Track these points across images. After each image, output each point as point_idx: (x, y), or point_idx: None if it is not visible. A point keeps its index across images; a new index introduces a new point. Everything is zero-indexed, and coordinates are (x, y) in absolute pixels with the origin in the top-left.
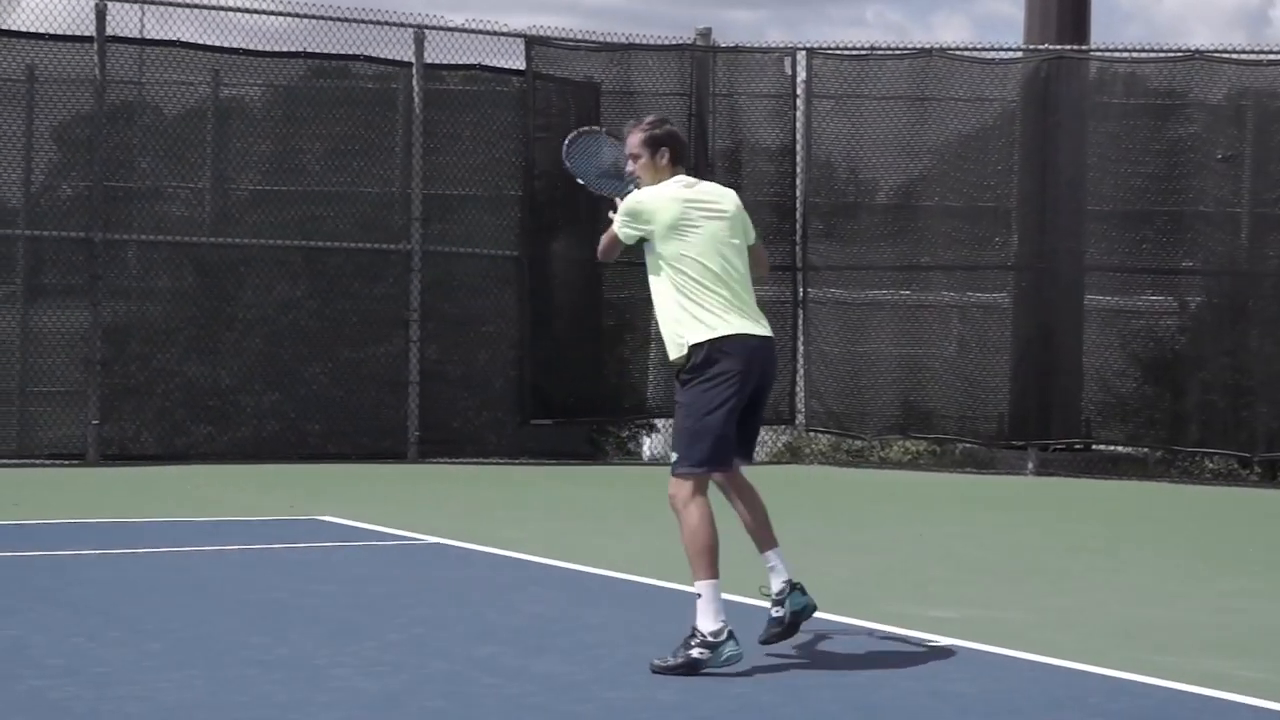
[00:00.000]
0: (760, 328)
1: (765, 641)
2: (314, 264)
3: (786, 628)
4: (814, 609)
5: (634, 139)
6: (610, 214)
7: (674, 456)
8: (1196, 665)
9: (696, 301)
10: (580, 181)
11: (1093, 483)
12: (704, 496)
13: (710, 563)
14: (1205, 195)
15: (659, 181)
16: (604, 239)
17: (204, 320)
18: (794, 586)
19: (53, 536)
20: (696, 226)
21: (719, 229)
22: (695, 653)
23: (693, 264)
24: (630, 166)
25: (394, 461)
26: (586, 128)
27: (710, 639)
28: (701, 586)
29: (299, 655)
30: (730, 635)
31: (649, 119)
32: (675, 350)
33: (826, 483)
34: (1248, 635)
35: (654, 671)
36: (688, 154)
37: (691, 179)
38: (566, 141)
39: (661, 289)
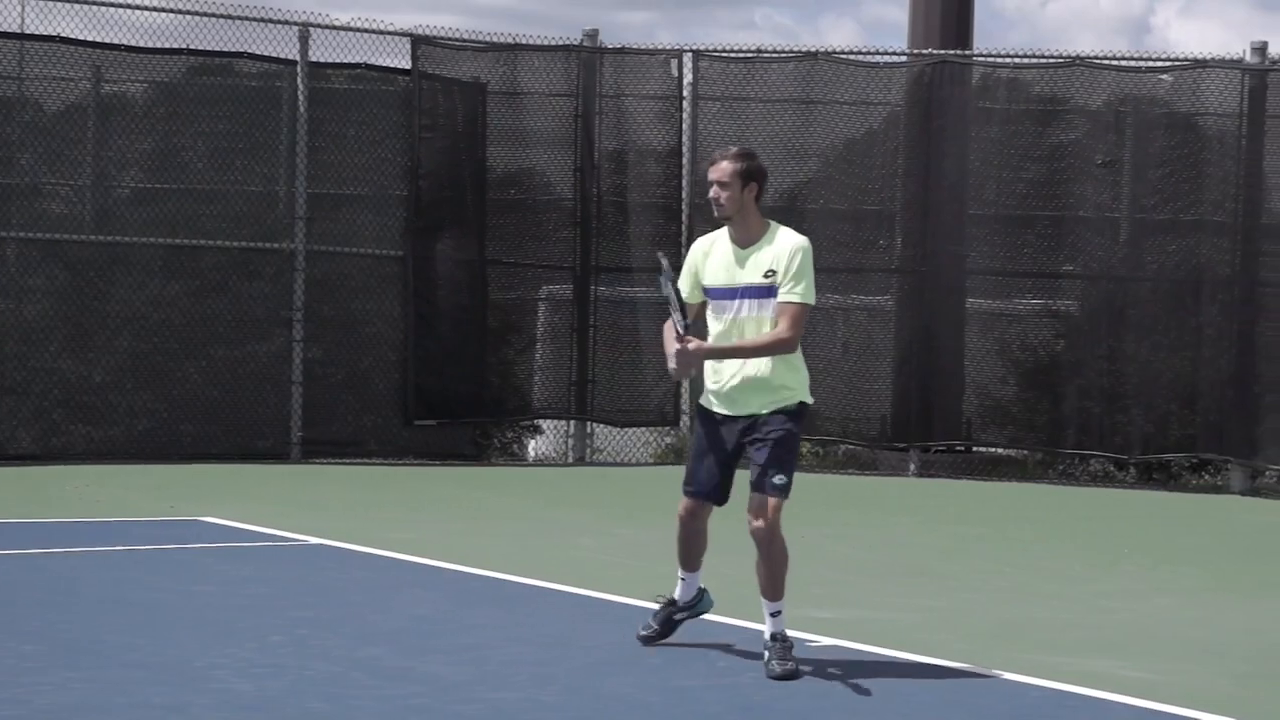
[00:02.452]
0: None
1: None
2: (195, 262)
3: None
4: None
5: (725, 168)
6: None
7: (781, 480)
8: (1076, 665)
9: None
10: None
11: (974, 484)
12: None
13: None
14: (1085, 201)
15: (748, 220)
16: (791, 330)
17: (83, 319)
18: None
19: None
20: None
21: None
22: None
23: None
24: (715, 193)
25: (276, 462)
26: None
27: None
28: (782, 604)
29: (179, 657)
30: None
31: (735, 149)
32: (799, 392)
33: None
34: (1125, 634)
35: (777, 679)
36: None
37: None
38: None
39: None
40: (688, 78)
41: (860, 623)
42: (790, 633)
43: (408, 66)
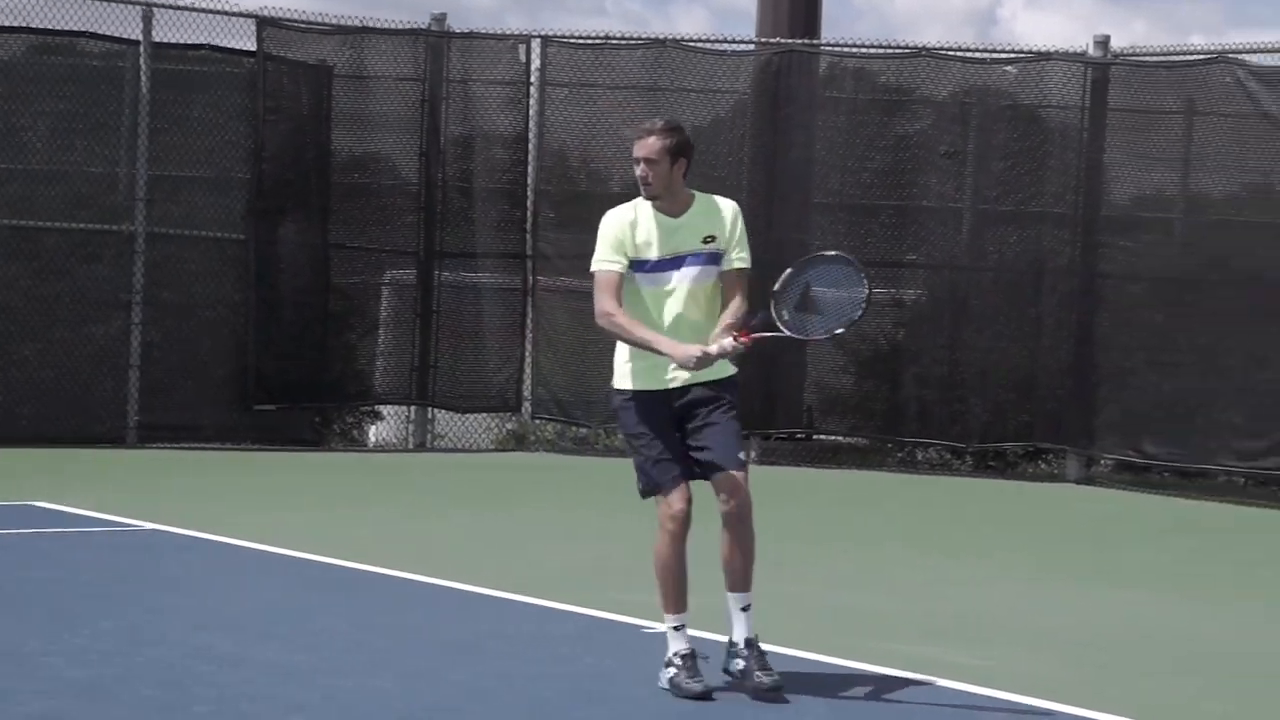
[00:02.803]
0: None
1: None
2: (32, 243)
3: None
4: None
5: (652, 144)
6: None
7: (743, 455)
8: (909, 651)
9: None
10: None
11: (814, 472)
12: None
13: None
14: (929, 191)
15: (677, 195)
16: (744, 295)
17: None
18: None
19: None
20: None
21: None
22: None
23: None
24: (643, 171)
25: (112, 446)
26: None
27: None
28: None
29: (8, 644)
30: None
31: (662, 121)
32: (732, 367)
33: (552, 470)
34: (959, 621)
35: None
36: None
37: None
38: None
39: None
40: (536, 63)
41: (695, 609)
42: (624, 619)
43: (253, 48)
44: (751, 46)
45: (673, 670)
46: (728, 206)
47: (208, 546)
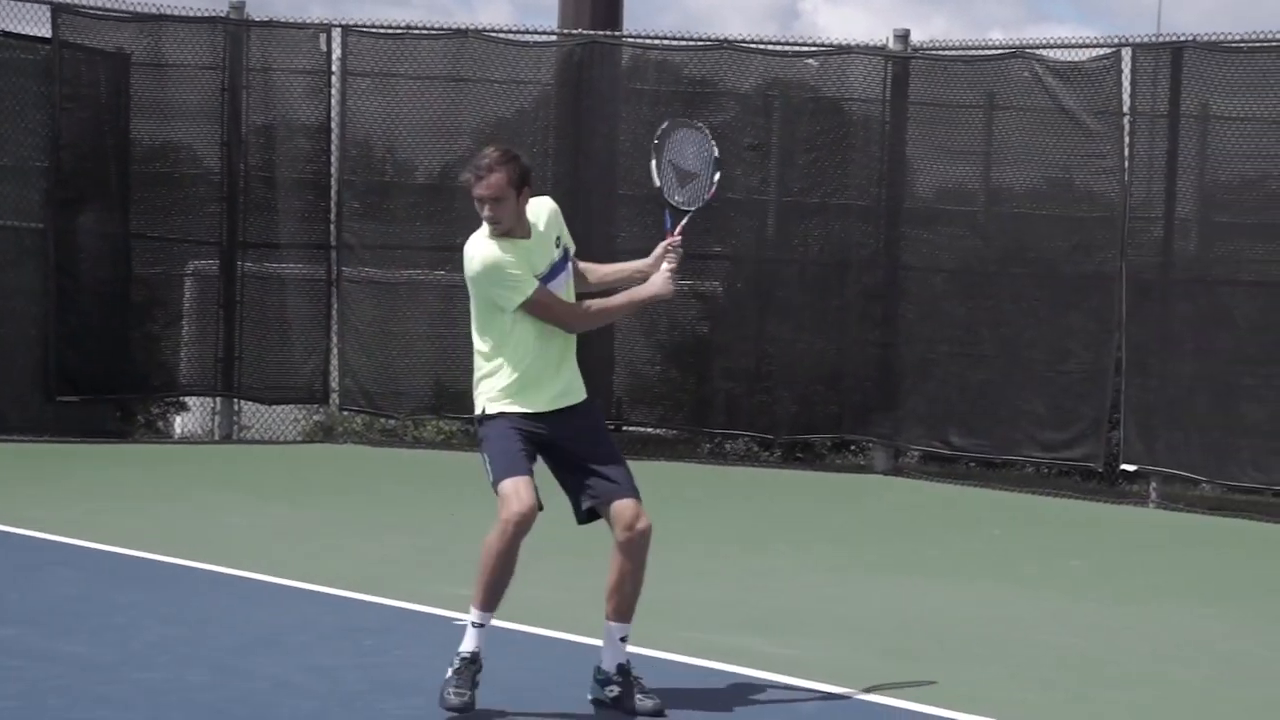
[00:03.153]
0: None
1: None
2: None
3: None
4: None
5: (494, 178)
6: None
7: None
8: (723, 641)
9: None
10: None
11: None
12: None
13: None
14: (735, 183)
15: (521, 217)
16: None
17: None
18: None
19: None
20: None
21: None
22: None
23: None
24: (491, 212)
25: None
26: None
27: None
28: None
29: None
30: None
31: (497, 153)
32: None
33: (360, 462)
34: (772, 612)
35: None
36: None
37: None
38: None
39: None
40: (337, 52)
41: (510, 601)
42: (433, 610)
43: (48, 34)
44: (554, 37)
45: (448, 672)
46: (547, 205)
47: (9, 539)
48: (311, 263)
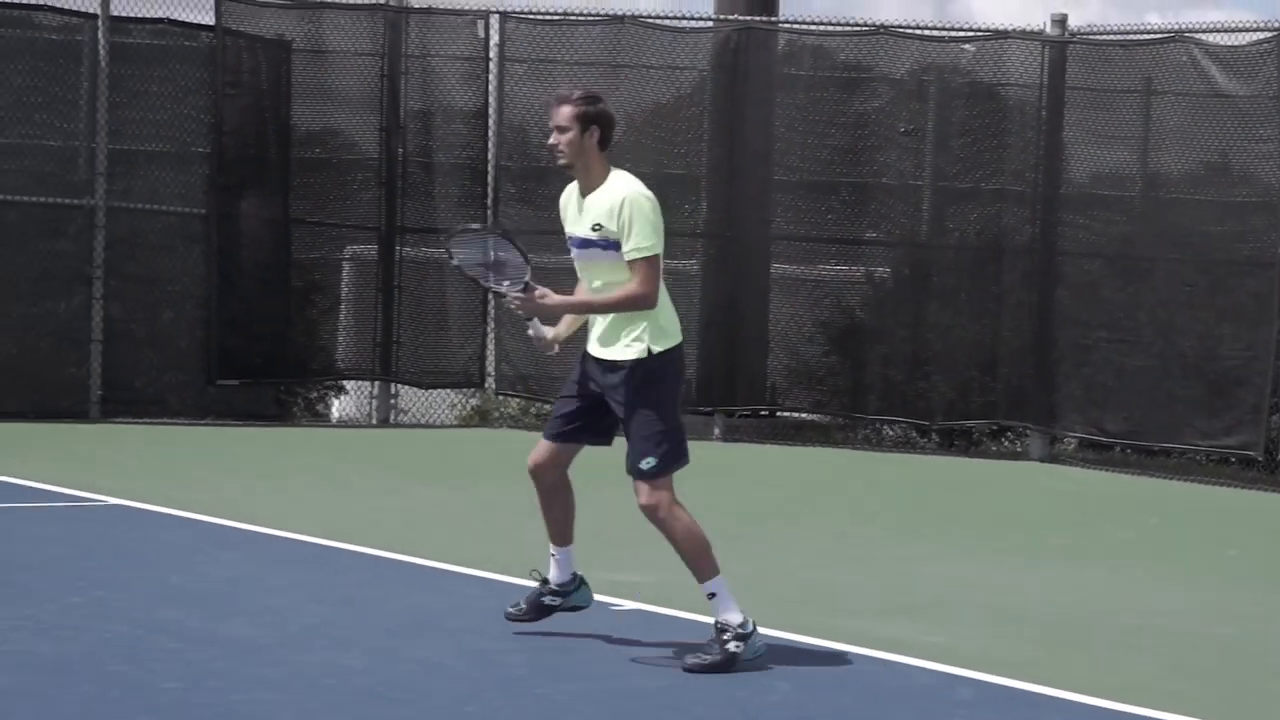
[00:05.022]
0: None
1: (516, 618)
2: None
3: (539, 613)
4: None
5: (564, 111)
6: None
7: (647, 463)
8: (877, 629)
9: (664, 306)
10: (468, 274)
11: (778, 449)
12: (678, 500)
13: (713, 559)
14: (889, 168)
15: (588, 164)
16: (641, 287)
17: None
18: (581, 581)
19: None
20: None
21: None
22: (732, 646)
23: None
24: (554, 139)
25: (75, 421)
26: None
27: (741, 631)
28: (715, 585)
29: None
30: (754, 625)
31: (581, 92)
32: (635, 351)
33: (515, 446)
34: (924, 599)
35: (690, 671)
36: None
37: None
38: (450, 238)
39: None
40: (494, 39)
41: (663, 586)
42: (596, 596)
43: (211, 22)
44: (710, 23)
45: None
46: (617, 193)
47: (172, 521)
48: None
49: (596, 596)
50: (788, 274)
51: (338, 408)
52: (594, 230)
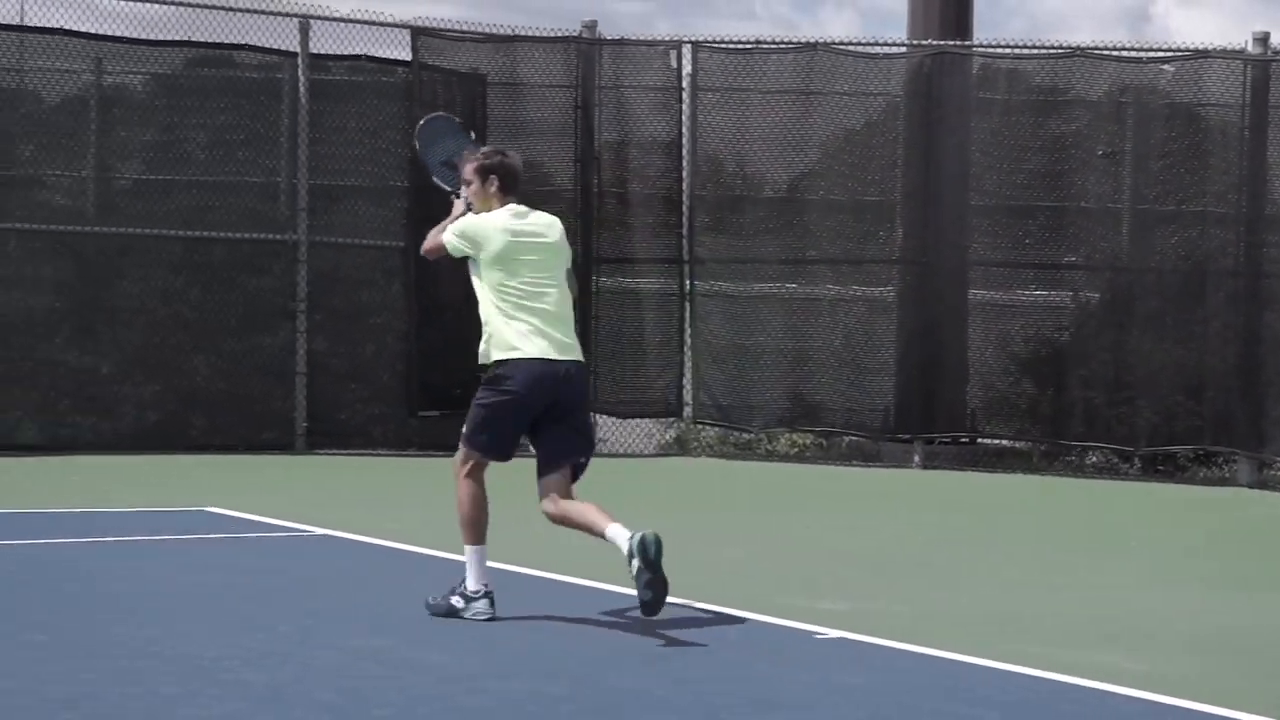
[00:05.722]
0: (560, 353)
1: (647, 603)
2: (198, 254)
3: (653, 577)
4: (657, 538)
5: (468, 167)
6: (452, 214)
7: (464, 430)
8: (1081, 657)
9: (506, 323)
10: (423, 162)
11: (978, 476)
12: (476, 478)
13: (474, 532)
14: (1087, 191)
15: (490, 208)
16: (432, 240)
17: (86, 310)
18: (636, 539)
19: None
20: (518, 259)
21: (539, 261)
22: (454, 600)
23: (510, 292)
24: (464, 191)
25: (280, 453)
26: (442, 114)
27: (469, 594)
28: (467, 551)
29: (187, 647)
30: (487, 595)
31: (485, 149)
32: (482, 356)
33: (714, 475)
34: (1128, 627)
35: (426, 607)
36: (518, 183)
37: (523, 209)
38: (420, 122)
39: (483, 303)
40: (687, 69)
41: (864, 614)
42: (795, 624)
43: (407, 58)
44: (903, 49)
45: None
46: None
47: (378, 551)
48: (664, 277)
49: (798, 624)
50: (986, 299)
51: None
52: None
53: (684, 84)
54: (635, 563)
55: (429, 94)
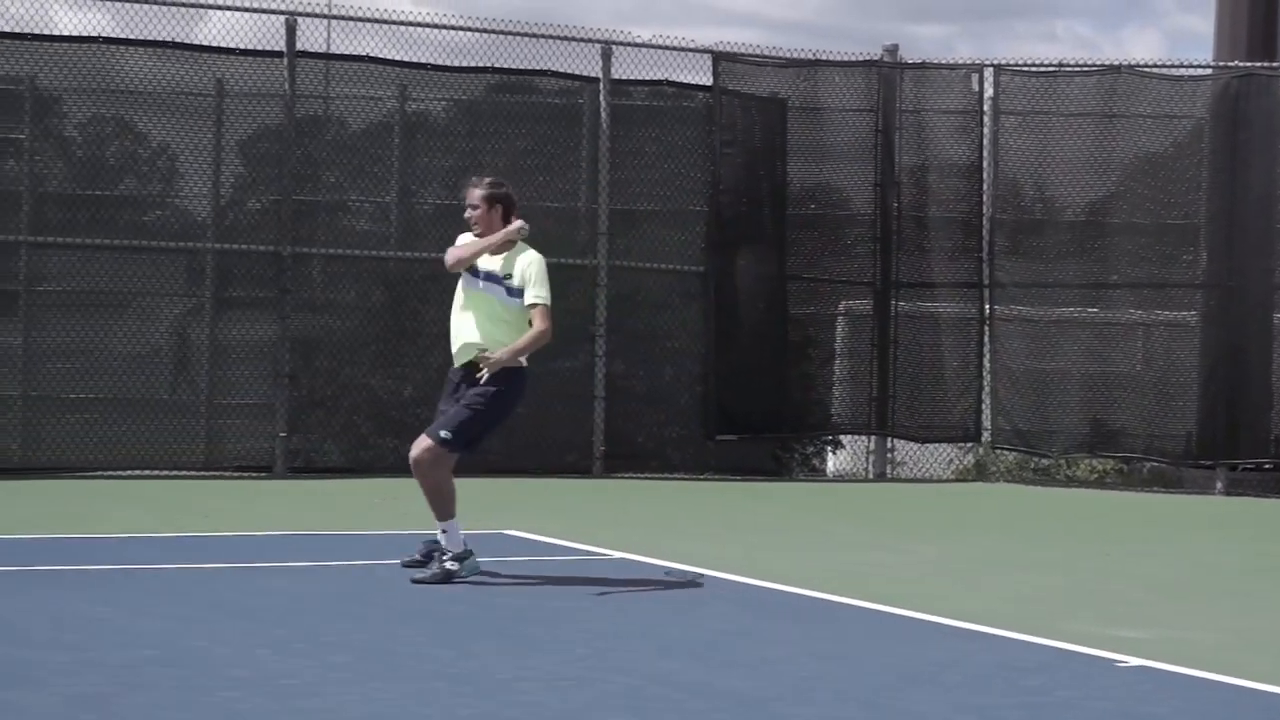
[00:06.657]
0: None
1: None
2: None
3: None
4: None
5: (475, 193)
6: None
7: (445, 432)
8: None
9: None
10: None
11: None
12: (450, 466)
13: (452, 508)
14: None
15: (493, 232)
16: (467, 251)
17: (389, 334)
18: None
19: (238, 548)
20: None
21: None
22: (448, 564)
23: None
24: (469, 214)
25: (579, 476)
26: None
27: (460, 555)
28: (447, 524)
29: (483, 668)
30: (470, 551)
31: (489, 179)
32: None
33: (1013, 500)
34: None
35: (414, 582)
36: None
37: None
38: None
39: (514, 322)
40: (988, 92)
41: (1166, 643)
42: (1094, 652)
43: (706, 82)
44: (1209, 70)
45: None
46: (529, 255)
47: (673, 574)
48: (963, 301)
49: (1098, 652)
50: None
51: (834, 462)
52: (506, 279)
53: (985, 107)
54: (451, 563)
55: (729, 118)
